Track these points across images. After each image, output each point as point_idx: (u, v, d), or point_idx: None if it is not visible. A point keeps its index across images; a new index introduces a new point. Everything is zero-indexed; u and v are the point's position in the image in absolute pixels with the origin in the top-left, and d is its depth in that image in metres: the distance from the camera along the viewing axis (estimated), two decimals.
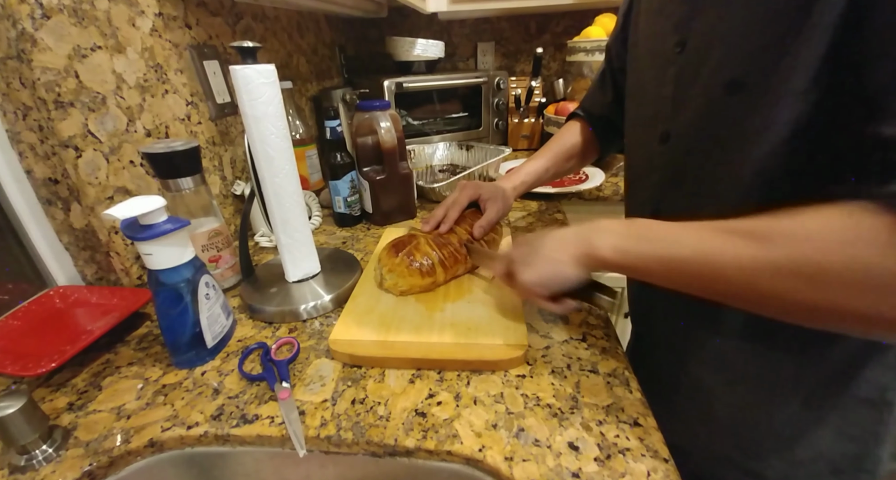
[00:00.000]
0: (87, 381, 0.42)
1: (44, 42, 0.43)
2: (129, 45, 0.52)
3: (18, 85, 0.44)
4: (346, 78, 1.22)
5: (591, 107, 0.65)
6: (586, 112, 0.65)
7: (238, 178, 0.73)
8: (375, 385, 0.40)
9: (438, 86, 1.08)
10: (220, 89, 0.67)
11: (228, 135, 0.71)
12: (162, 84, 0.57)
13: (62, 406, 0.39)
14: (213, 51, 0.67)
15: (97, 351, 0.46)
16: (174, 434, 0.36)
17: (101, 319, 0.47)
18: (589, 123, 0.64)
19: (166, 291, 0.40)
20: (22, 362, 0.42)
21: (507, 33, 1.36)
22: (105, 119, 0.49)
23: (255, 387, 0.40)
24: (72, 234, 0.52)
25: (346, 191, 0.72)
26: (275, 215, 0.49)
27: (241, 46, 0.42)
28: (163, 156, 0.46)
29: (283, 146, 0.47)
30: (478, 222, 0.56)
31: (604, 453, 0.32)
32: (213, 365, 0.43)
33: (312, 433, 0.35)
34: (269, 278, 0.55)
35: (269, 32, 0.83)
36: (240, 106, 0.44)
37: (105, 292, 0.52)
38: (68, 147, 0.46)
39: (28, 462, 0.34)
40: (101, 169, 0.49)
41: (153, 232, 0.37)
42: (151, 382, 0.41)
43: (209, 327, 0.43)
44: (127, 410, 0.38)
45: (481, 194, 0.59)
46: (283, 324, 0.49)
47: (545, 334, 0.45)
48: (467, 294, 0.51)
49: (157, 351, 0.45)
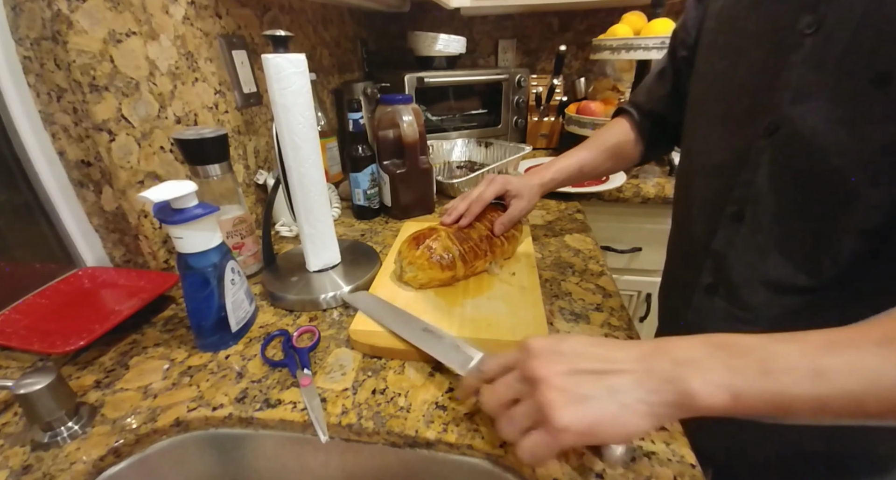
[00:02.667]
0: (114, 360, 0.43)
1: (79, 24, 0.44)
2: (162, 32, 0.53)
3: (53, 66, 0.45)
4: (366, 72, 1.22)
5: (641, 102, 0.59)
6: (636, 106, 0.60)
7: (261, 168, 0.74)
8: (395, 376, 0.40)
9: (459, 81, 1.08)
10: (246, 79, 0.68)
11: (253, 124, 0.72)
12: (192, 72, 0.58)
13: (89, 384, 0.40)
14: (242, 41, 0.67)
15: (124, 331, 0.47)
16: (199, 415, 0.36)
17: (129, 300, 0.48)
18: (636, 120, 0.59)
19: (194, 275, 0.41)
20: (50, 340, 0.43)
21: (529, 31, 1.34)
22: (138, 104, 0.50)
23: (277, 373, 0.41)
24: (102, 217, 0.53)
25: (365, 184, 0.73)
26: (299, 204, 0.50)
27: (274, 35, 0.42)
28: (194, 143, 0.47)
29: (310, 136, 0.47)
30: (499, 219, 0.55)
31: (628, 455, 0.32)
32: (237, 350, 0.44)
33: (334, 420, 0.35)
34: (290, 267, 0.56)
35: (294, 24, 0.84)
36: (270, 94, 0.44)
37: (132, 274, 0.53)
38: (102, 130, 0.47)
39: (52, 439, 0.34)
40: (132, 153, 0.50)
41: (184, 216, 0.38)
42: (177, 363, 0.42)
43: (234, 312, 0.44)
44: (153, 390, 0.39)
45: (509, 190, 0.56)
46: (303, 313, 0.50)
47: (566, 333, 0.45)
48: (487, 290, 0.51)
49: (183, 334, 0.46)
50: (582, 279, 0.55)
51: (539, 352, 0.27)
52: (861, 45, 0.31)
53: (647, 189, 0.88)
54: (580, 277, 0.55)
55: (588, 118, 1.00)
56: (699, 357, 0.24)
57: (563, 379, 0.25)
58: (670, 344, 0.26)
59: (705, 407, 0.23)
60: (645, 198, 0.88)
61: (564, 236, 0.67)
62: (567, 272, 0.57)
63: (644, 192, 0.88)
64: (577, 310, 0.49)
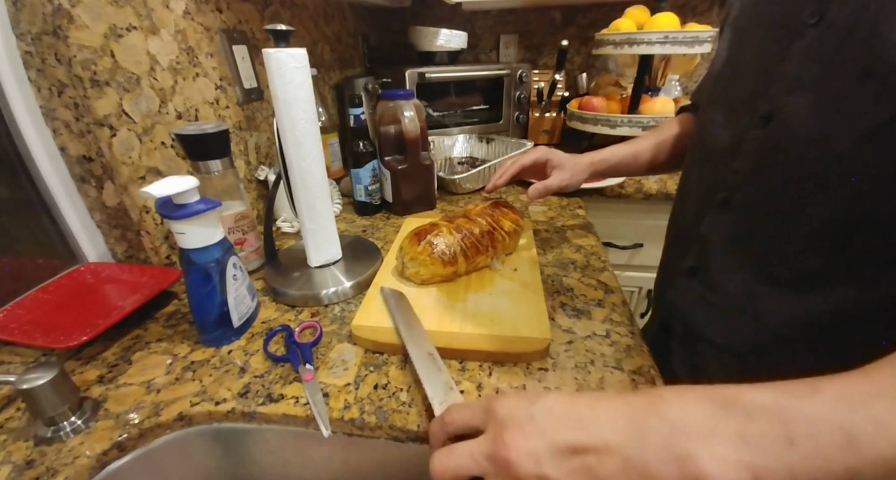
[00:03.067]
0: (117, 355, 0.43)
1: (80, 19, 0.44)
2: (163, 27, 0.53)
3: (54, 61, 0.45)
4: (368, 67, 1.22)
5: (699, 98, 0.57)
6: (695, 103, 0.58)
7: (262, 164, 0.74)
8: (398, 371, 0.40)
9: (460, 77, 1.07)
10: (247, 74, 0.68)
11: (254, 120, 0.71)
12: (193, 67, 0.58)
13: (92, 379, 0.40)
14: (243, 36, 0.67)
15: (127, 327, 0.47)
16: (203, 410, 0.37)
17: (132, 296, 0.48)
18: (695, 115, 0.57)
19: (196, 270, 0.41)
20: (53, 335, 0.43)
21: (532, 26, 1.34)
22: (139, 99, 0.50)
23: (279, 368, 0.41)
24: (104, 212, 0.53)
25: (367, 180, 0.73)
26: (300, 200, 0.50)
27: (275, 29, 0.42)
28: (195, 138, 0.47)
29: (311, 131, 0.47)
30: (535, 185, 0.53)
31: None
32: (239, 345, 0.44)
33: (336, 415, 0.36)
34: (292, 263, 0.56)
35: (295, 19, 0.83)
36: (271, 89, 0.44)
37: (135, 270, 0.53)
38: (103, 126, 0.47)
39: (55, 434, 0.34)
40: (134, 148, 0.50)
41: (187, 211, 0.38)
42: (180, 358, 0.42)
43: (236, 307, 0.44)
44: (157, 384, 0.39)
45: (550, 159, 0.54)
46: (305, 308, 0.50)
47: (567, 329, 0.45)
48: (489, 286, 0.50)
49: (185, 329, 0.46)
50: (584, 275, 0.55)
51: (509, 420, 0.23)
52: (854, 38, 0.31)
53: (649, 185, 0.88)
54: (582, 273, 0.55)
55: (590, 114, 1.00)
56: (704, 422, 0.20)
57: (539, 465, 0.21)
58: (665, 400, 0.21)
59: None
60: (647, 194, 0.88)
61: (566, 232, 0.67)
62: (569, 268, 0.57)
63: (646, 188, 0.87)
64: (579, 306, 0.49)
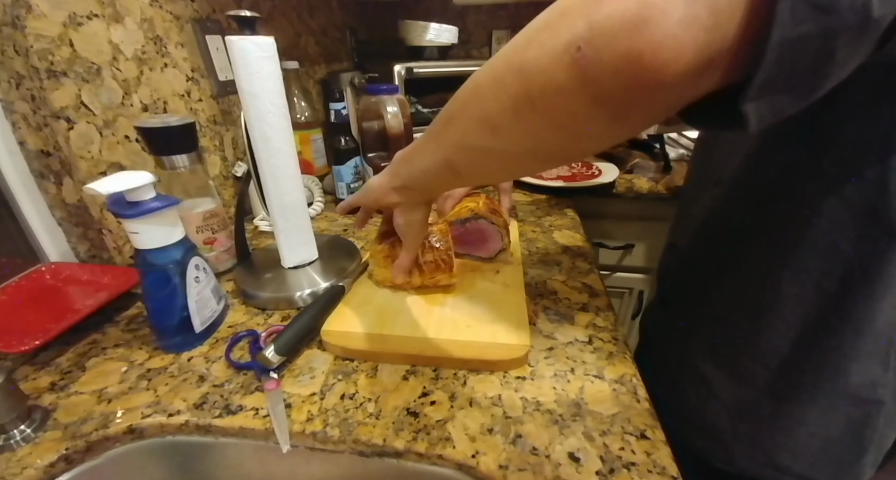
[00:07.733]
0: (71, 361, 0.41)
1: (39, 8, 0.42)
2: (127, 15, 0.50)
3: (13, 52, 0.42)
4: (356, 62, 1.19)
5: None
6: None
7: (240, 159, 0.71)
8: (367, 380, 0.38)
9: (450, 72, 1.04)
10: (223, 66, 0.65)
11: (231, 114, 0.69)
12: (161, 57, 0.55)
13: (44, 386, 0.38)
14: (217, 25, 0.64)
15: (85, 330, 0.44)
16: (154, 422, 0.34)
17: (91, 298, 0.46)
18: None
19: (154, 272, 0.38)
20: (6, 339, 0.40)
21: (525, 20, 1.26)
22: (100, 91, 0.47)
23: (242, 376, 0.38)
24: (64, 209, 0.50)
25: (349, 178, 0.70)
26: (271, 198, 0.47)
27: (239, 16, 0.39)
28: (156, 131, 0.44)
29: (281, 125, 0.44)
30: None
31: (607, 466, 0.30)
32: (202, 351, 0.42)
33: (298, 428, 0.33)
34: (266, 263, 0.53)
35: (276, 10, 0.80)
36: (236, 80, 0.41)
37: (97, 270, 0.50)
38: (60, 118, 0.44)
39: (6, 442, 0.33)
40: (94, 142, 0.47)
41: (140, 209, 0.35)
42: (136, 365, 0.40)
43: (198, 311, 0.41)
44: (108, 393, 0.37)
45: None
46: (276, 311, 0.48)
47: (549, 334, 0.43)
48: (469, 289, 0.48)
49: (146, 334, 0.44)
50: (569, 277, 0.53)
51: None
52: None
53: (641, 184, 0.86)
54: (567, 275, 0.53)
55: None
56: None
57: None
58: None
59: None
60: (638, 194, 0.85)
61: (553, 232, 0.65)
62: (554, 270, 0.55)
63: (637, 188, 0.85)
64: (562, 310, 0.46)
